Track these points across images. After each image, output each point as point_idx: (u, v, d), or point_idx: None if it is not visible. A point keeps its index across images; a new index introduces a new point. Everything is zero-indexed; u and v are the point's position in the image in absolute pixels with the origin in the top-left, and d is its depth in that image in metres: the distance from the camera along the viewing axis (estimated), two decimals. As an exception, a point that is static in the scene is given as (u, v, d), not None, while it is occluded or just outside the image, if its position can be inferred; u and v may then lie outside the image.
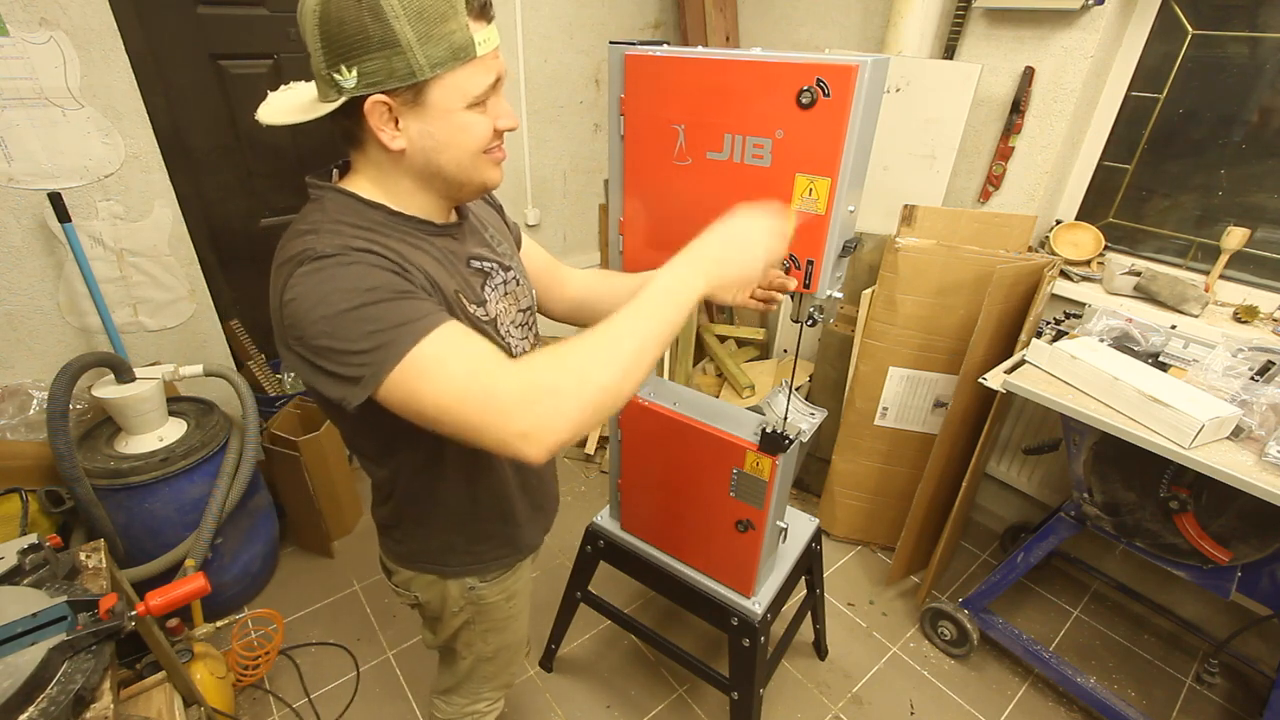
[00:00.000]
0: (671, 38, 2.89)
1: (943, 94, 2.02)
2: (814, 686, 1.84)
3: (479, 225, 0.94)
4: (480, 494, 0.97)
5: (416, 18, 0.68)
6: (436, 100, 0.73)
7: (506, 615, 1.12)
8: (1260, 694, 1.85)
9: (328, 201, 0.78)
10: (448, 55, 0.70)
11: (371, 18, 0.67)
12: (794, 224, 0.91)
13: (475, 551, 1.02)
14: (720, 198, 1.02)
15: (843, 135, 0.86)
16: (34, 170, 1.68)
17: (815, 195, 0.92)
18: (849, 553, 2.31)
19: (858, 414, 2.12)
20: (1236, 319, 1.82)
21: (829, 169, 0.89)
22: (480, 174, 0.81)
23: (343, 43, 0.69)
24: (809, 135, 0.89)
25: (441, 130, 0.75)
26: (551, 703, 1.78)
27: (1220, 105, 1.86)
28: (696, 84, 0.97)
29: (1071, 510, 1.69)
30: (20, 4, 1.56)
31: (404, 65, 0.69)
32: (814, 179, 0.91)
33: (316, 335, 0.67)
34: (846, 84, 0.83)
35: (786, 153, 0.92)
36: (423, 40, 0.69)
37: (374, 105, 0.71)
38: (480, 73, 0.74)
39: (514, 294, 0.95)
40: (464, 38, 0.71)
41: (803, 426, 1.20)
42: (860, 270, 2.22)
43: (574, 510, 2.47)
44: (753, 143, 0.94)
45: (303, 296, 0.68)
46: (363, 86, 0.70)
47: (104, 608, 1.00)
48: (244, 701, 1.75)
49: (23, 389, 1.75)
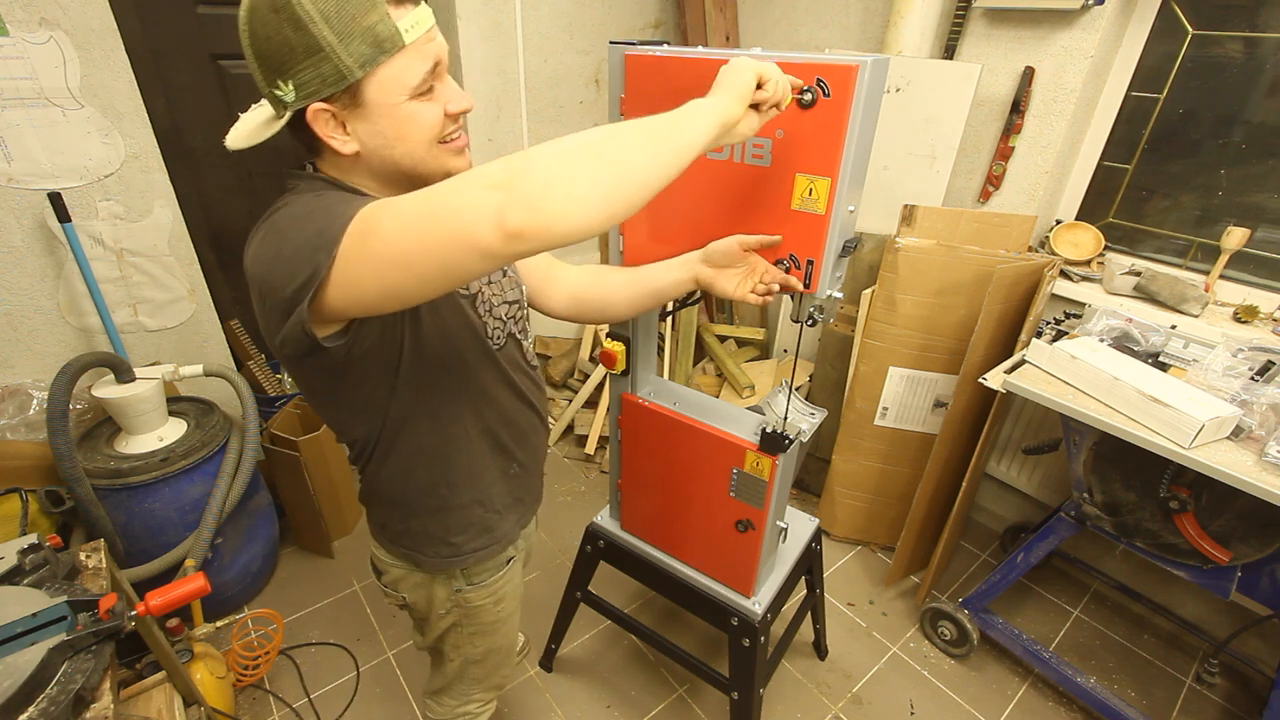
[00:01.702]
0: (672, 37, 2.88)
1: (943, 94, 2.02)
2: (814, 686, 1.84)
3: None
4: (454, 476, 0.96)
5: (333, 18, 0.66)
6: (375, 98, 0.72)
7: (495, 619, 1.12)
8: (1260, 694, 1.85)
9: (303, 184, 0.78)
10: (373, 50, 0.69)
11: (291, 27, 0.66)
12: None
13: (453, 544, 1.01)
14: (720, 198, 1.02)
15: (843, 135, 0.86)
16: (34, 170, 1.68)
17: (815, 195, 0.92)
18: (849, 553, 2.31)
19: (858, 414, 2.12)
20: (1236, 319, 1.82)
21: (829, 169, 0.89)
22: (439, 164, 0.79)
23: (273, 58, 0.68)
24: (809, 135, 0.89)
25: (388, 127, 0.74)
26: (551, 703, 1.78)
27: (1220, 105, 1.86)
28: (696, 84, 0.93)
29: (1071, 510, 1.69)
30: (20, 4, 1.56)
31: (332, 69, 0.68)
32: (814, 179, 0.91)
33: (269, 259, 0.68)
34: (847, 84, 0.83)
35: (787, 153, 0.92)
36: (344, 40, 0.67)
37: (315, 114, 0.71)
38: (415, 60, 0.72)
39: (499, 283, 0.95)
40: (387, 28, 0.68)
41: (803, 426, 1.20)
42: (860, 270, 2.22)
43: (574, 510, 2.47)
44: (752, 142, 0.94)
45: (259, 241, 0.71)
46: (301, 98, 0.70)
47: (104, 608, 1.00)
48: (244, 701, 1.75)
49: (23, 389, 1.75)
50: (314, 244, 0.64)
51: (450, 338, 0.87)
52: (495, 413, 0.97)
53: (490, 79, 2.39)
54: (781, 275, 0.98)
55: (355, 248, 0.63)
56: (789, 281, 0.98)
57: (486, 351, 0.93)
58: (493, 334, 0.93)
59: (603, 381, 2.78)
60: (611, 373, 1.33)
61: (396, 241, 0.61)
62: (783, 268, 0.99)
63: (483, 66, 2.36)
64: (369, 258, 0.62)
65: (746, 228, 1.00)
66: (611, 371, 1.32)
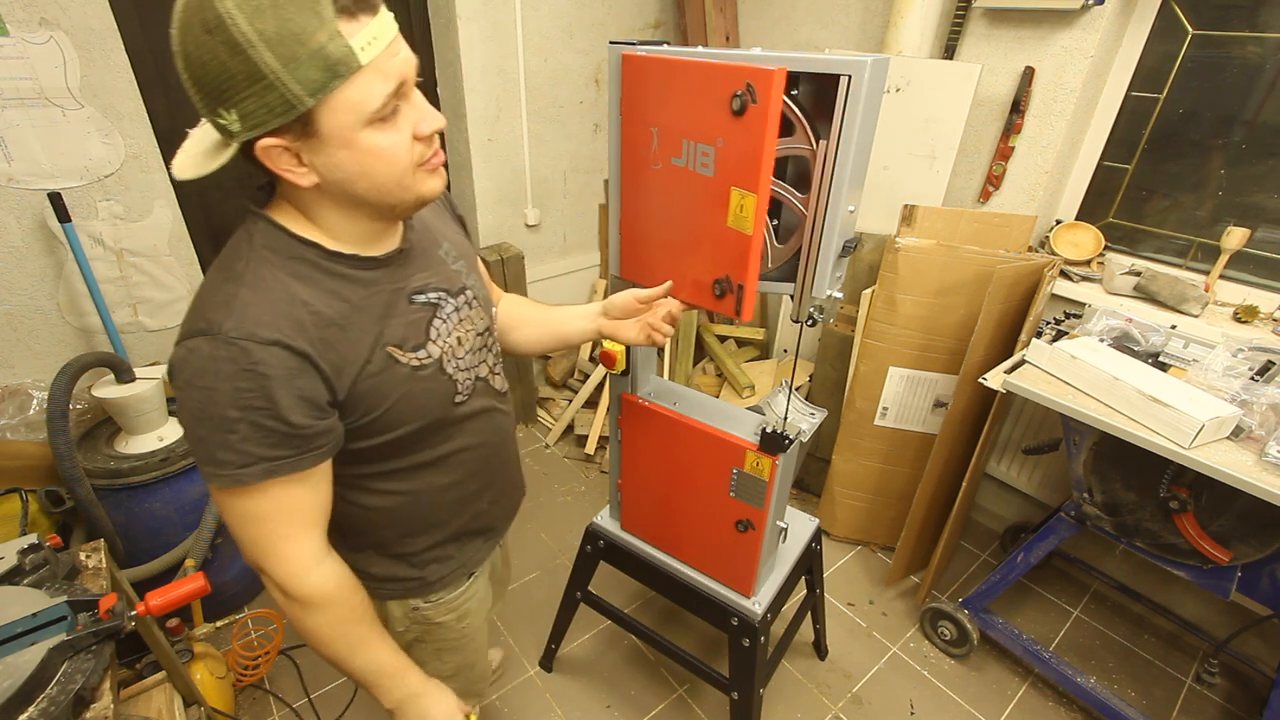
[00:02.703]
0: (672, 37, 2.88)
1: (943, 94, 2.02)
2: (814, 686, 1.84)
3: (430, 243, 0.87)
4: (414, 527, 0.93)
5: (275, 41, 0.57)
6: (330, 127, 0.63)
7: (459, 635, 1.07)
8: (1260, 694, 1.85)
9: (258, 235, 0.73)
10: (325, 75, 0.60)
11: (228, 52, 0.57)
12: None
13: (415, 579, 0.97)
14: (679, 207, 0.95)
15: (764, 146, 0.77)
16: (34, 170, 1.68)
17: (745, 213, 0.84)
18: (849, 553, 2.31)
19: (858, 414, 2.12)
20: (1236, 319, 1.82)
21: (754, 184, 0.80)
22: (412, 191, 0.72)
23: (211, 85, 0.60)
24: (740, 145, 0.81)
25: (348, 160, 0.66)
26: (551, 703, 1.78)
27: (1220, 105, 1.86)
28: (661, 85, 0.90)
29: (1071, 510, 1.69)
30: (20, 4, 1.56)
31: (278, 99, 0.60)
32: (744, 195, 0.83)
33: (185, 419, 0.71)
34: (769, 90, 0.75)
35: (725, 162, 0.84)
36: (289, 65, 0.58)
37: (265, 150, 0.64)
38: (375, 81, 0.63)
39: (469, 319, 0.89)
40: (339, 49, 0.59)
41: (803, 426, 1.20)
42: (860, 270, 2.22)
43: (574, 510, 2.47)
44: (700, 149, 0.86)
45: (185, 384, 0.69)
46: (247, 129, 0.62)
47: (104, 608, 1.00)
48: (244, 701, 1.75)
49: (23, 389, 1.75)
50: (202, 462, 0.72)
51: (409, 417, 0.82)
52: (460, 465, 0.93)
53: (490, 79, 2.39)
54: (671, 317, 1.01)
55: (215, 496, 0.75)
56: (675, 321, 1.02)
57: (451, 411, 0.88)
58: (461, 388, 0.88)
59: (603, 381, 2.78)
60: (611, 373, 1.33)
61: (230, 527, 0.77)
62: (717, 291, 0.95)
63: (483, 66, 2.36)
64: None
65: (699, 246, 0.96)
66: (611, 371, 1.32)
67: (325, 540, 0.81)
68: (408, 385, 0.80)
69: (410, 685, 0.89)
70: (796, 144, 0.95)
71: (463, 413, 0.90)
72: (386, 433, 0.81)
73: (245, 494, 0.72)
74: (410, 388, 0.81)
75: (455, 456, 0.92)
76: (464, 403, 0.89)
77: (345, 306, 0.74)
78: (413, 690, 0.89)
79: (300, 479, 0.74)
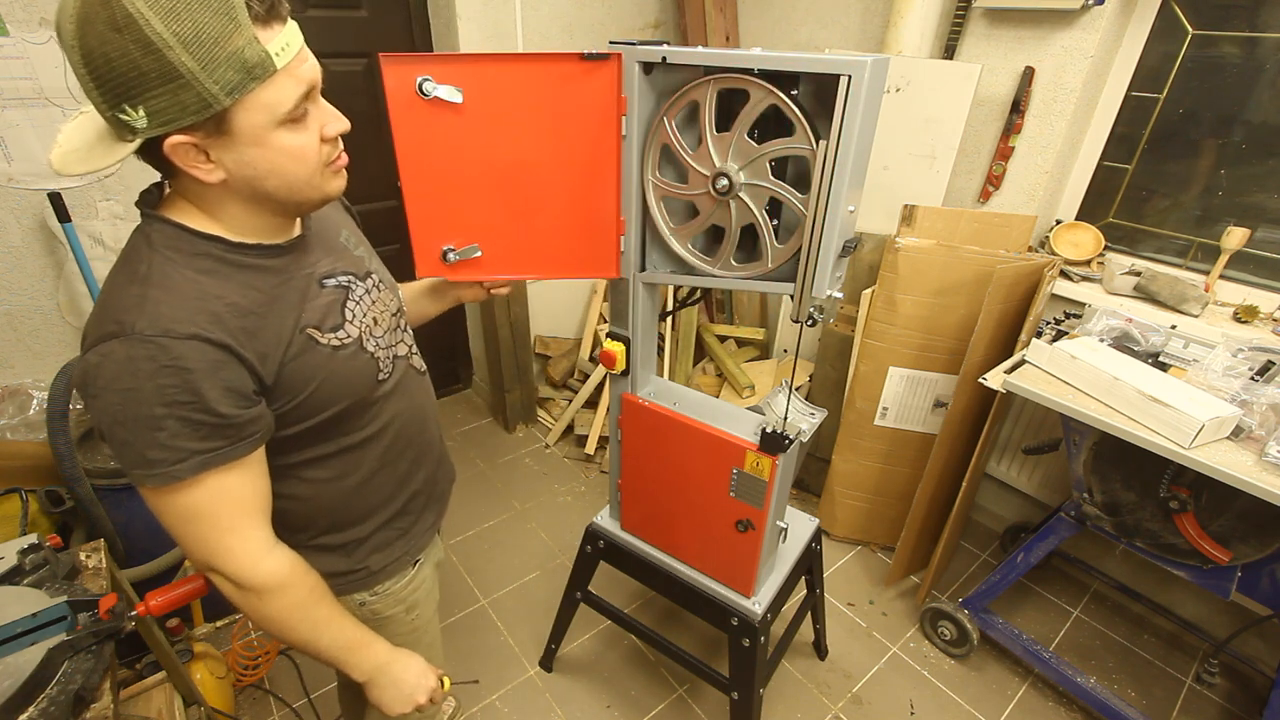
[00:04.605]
0: (671, 37, 2.89)
1: (943, 94, 2.02)
2: (814, 686, 1.84)
3: (329, 231, 0.89)
4: (350, 516, 0.93)
5: (193, 43, 0.59)
6: (243, 126, 0.66)
7: (410, 629, 1.07)
8: (1260, 694, 1.85)
9: (156, 235, 0.71)
10: (242, 77, 0.62)
11: (141, 51, 0.58)
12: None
13: (359, 570, 0.97)
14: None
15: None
16: (34, 170, 1.68)
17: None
18: (849, 553, 2.31)
19: (858, 414, 2.12)
20: (1236, 319, 1.82)
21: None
22: (318, 190, 0.76)
23: (117, 81, 0.60)
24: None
25: (259, 158, 0.69)
26: (551, 703, 1.78)
27: (1220, 105, 1.86)
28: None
29: (1071, 510, 1.69)
30: (20, 4, 1.56)
31: (194, 98, 0.61)
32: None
33: (106, 425, 0.69)
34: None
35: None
36: (207, 66, 0.60)
37: (174, 147, 0.64)
38: (288, 84, 0.66)
39: (380, 300, 0.91)
40: (256, 53, 0.62)
41: (803, 426, 1.20)
42: (860, 270, 2.22)
43: (574, 510, 2.47)
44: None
45: (102, 390, 0.66)
46: (156, 126, 0.62)
47: (104, 608, 1.00)
48: (244, 701, 1.75)
49: (23, 389, 1.76)
50: (129, 464, 0.71)
51: (336, 397, 0.83)
52: (389, 445, 0.94)
53: (490, 79, 2.39)
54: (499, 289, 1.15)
55: (147, 496, 0.74)
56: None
57: (375, 390, 0.89)
58: (384, 366, 0.89)
59: (603, 381, 2.78)
60: (611, 373, 1.33)
61: (167, 525, 0.76)
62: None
63: (483, 66, 2.36)
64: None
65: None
66: (611, 371, 1.32)
67: (271, 530, 0.80)
68: (331, 365, 0.81)
69: (379, 655, 0.91)
70: (796, 144, 0.95)
71: (386, 390, 0.91)
72: (314, 415, 0.82)
73: (182, 490, 0.71)
74: (334, 367, 0.82)
75: (382, 434, 0.93)
76: (386, 379, 0.91)
77: (259, 295, 0.75)
78: (382, 660, 0.91)
79: (236, 468, 0.73)
